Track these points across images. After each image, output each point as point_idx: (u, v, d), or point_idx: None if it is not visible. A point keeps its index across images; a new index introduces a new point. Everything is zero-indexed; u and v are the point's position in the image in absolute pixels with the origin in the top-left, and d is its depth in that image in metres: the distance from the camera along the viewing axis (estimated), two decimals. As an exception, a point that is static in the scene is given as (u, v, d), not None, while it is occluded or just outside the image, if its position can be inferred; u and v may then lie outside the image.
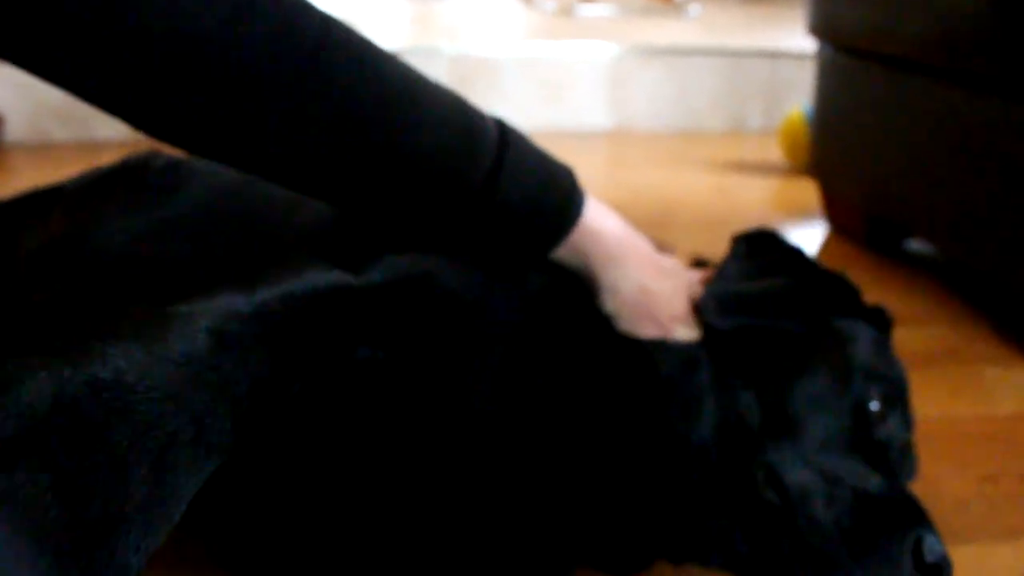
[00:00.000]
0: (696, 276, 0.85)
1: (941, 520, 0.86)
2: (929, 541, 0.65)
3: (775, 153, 2.39)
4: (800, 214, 1.92)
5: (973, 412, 1.12)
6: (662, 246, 0.87)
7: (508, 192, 0.70)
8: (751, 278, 0.84)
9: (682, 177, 2.23)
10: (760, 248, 0.88)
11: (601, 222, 0.78)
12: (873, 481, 0.70)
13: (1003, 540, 0.86)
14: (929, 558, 0.64)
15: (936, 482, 0.94)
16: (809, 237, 1.78)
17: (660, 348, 0.77)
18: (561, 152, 0.77)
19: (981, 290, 1.49)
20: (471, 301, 0.70)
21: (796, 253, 0.87)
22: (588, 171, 2.10)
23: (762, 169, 2.34)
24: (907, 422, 0.78)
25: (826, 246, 1.73)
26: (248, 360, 0.54)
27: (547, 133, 2.53)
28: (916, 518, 0.67)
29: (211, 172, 0.91)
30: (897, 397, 0.78)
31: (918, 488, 0.76)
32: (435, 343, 0.67)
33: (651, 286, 0.78)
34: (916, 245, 1.70)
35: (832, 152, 1.73)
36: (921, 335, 1.33)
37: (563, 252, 0.77)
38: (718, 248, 0.94)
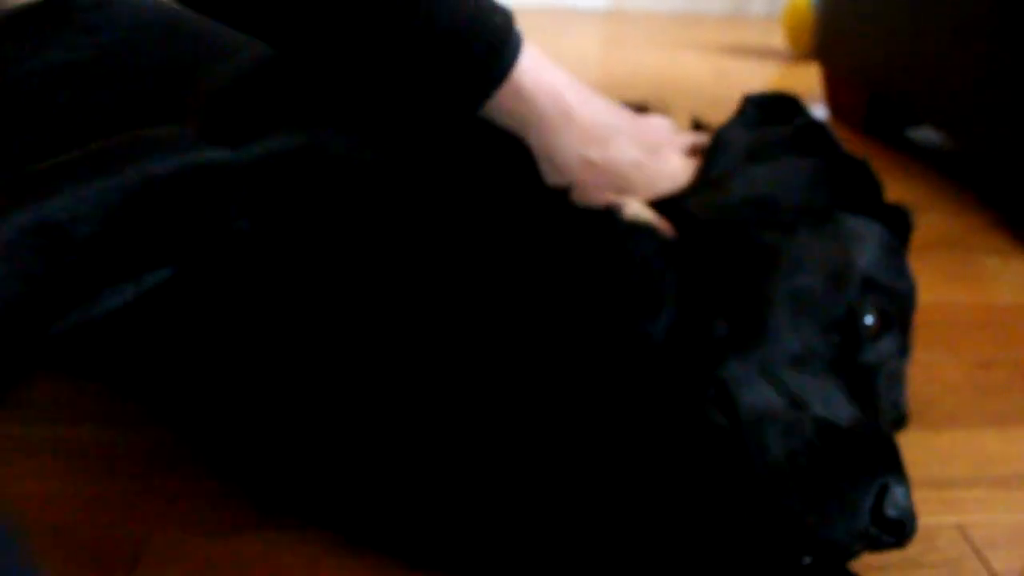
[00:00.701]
0: (685, 141, 0.74)
1: (934, 406, 0.84)
2: (896, 491, 0.54)
3: (778, 39, 2.31)
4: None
5: (970, 300, 1.09)
6: (650, 108, 0.78)
7: (436, 15, 0.61)
8: (755, 156, 0.71)
9: (680, 60, 2.14)
10: (773, 115, 0.75)
11: (541, 76, 0.66)
12: (845, 412, 0.59)
13: (991, 425, 0.84)
14: (891, 512, 0.54)
15: (929, 368, 0.91)
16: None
17: (629, 234, 0.65)
18: (557, 30, 0.70)
19: (983, 180, 1.44)
20: (370, 168, 0.63)
21: (815, 128, 0.73)
22: (583, 50, 2.03)
23: (763, 54, 2.26)
24: (904, 348, 0.67)
25: (826, 132, 1.67)
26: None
27: (543, 11, 2.44)
28: (887, 462, 0.56)
29: (136, 12, 0.85)
30: (898, 315, 0.66)
31: (911, 374, 0.70)
32: (323, 212, 0.61)
33: (595, 159, 0.68)
34: (918, 134, 1.64)
35: (836, 30, 1.66)
36: (922, 222, 1.27)
37: (494, 111, 0.66)
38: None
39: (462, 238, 0.63)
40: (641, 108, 0.77)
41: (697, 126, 0.78)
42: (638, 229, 0.66)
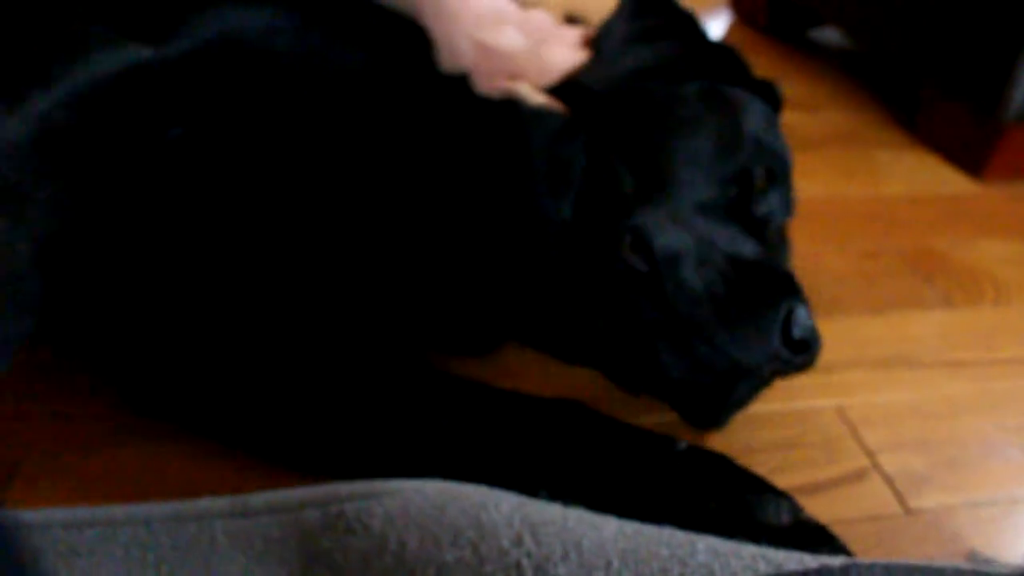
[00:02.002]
0: (571, 34, 0.76)
1: (819, 294, 0.85)
2: (799, 313, 0.60)
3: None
4: (704, 1, 1.83)
5: (861, 193, 1.11)
6: (530, 2, 0.78)
7: None
8: (637, 40, 0.75)
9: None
10: (649, 8, 0.78)
11: None
12: (748, 247, 0.64)
13: (876, 312, 0.86)
14: (797, 332, 0.59)
15: (817, 258, 0.93)
16: (713, 25, 1.70)
17: (533, 118, 0.68)
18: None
19: (881, 78, 1.45)
20: (298, 60, 0.60)
21: (687, 18, 0.78)
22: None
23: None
24: (787, 203, 0.72)
25: (729, 34, 1.66)
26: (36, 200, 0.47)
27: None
28: (789, 288, 0.61)
29: None
30: (781, 174, 0.72)
31: (799, 264, 0.73)
32: (255, 111, 0.59)
33: (489, 42, 0.68)
34: (820, 34, 1.64)
35: (739, -69, 1.64)
36: (818, 119, 1.30)
37: None
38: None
39: (370, 128, 0.63)
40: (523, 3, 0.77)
41: (571, 20, 0.80)
42: (539, 115, 0.68)
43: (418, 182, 0.64)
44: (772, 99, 0.77)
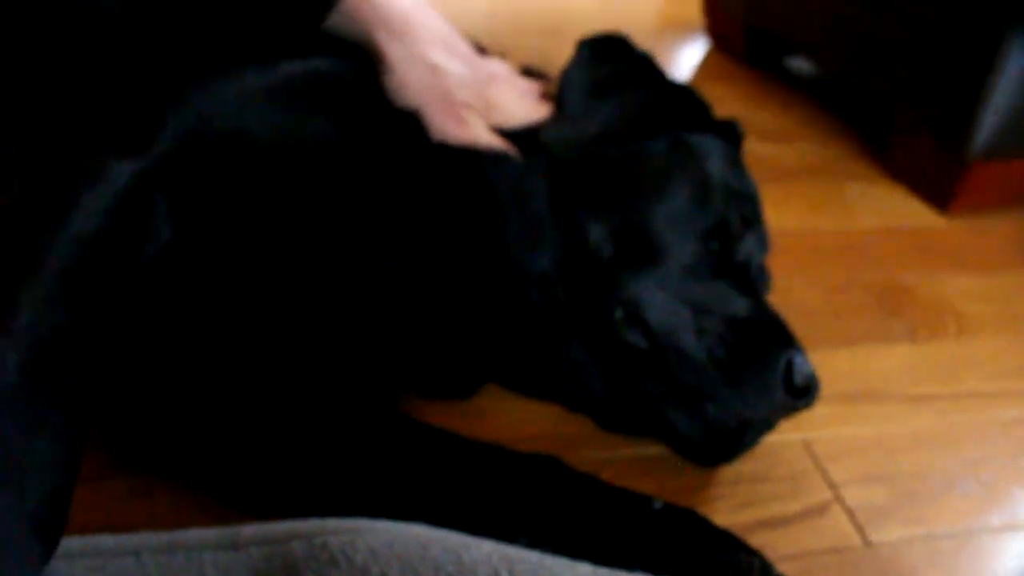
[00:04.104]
0: (523, 83, 0.77)
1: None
2: (798, 362, 0.63)
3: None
4: (683, 29, 1.87)
5: (832, 226, 1.14)
6: (487, 51, 0.79)
7: None
8: (597, 89, 0.76)
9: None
10: (606, 55, 0.79)
11: None
12: (740, 304, 0.66)
13: (842, 346, 0.89)
14: (799, 380, 0.62)
15: (787, 293, 0.95)
16: (690, 52, 1.74)
17: (492, 163, 0.69)
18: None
19: (854, 108, 1.49)
20: (269, 136, 0.62)
21: (644, 61, 0.80)
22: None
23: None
24: (762, 241, 0.75)
25: (706, 62, 1.70)
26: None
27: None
28: (785, 340, 0.65)
29: None
30: (754, 216, 0.75)
31: (771, 298, 0.75)
32: (234, 193, 0.61)
33: (441, 64, 0.70)
34: (796, 63, 1.68)
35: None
36: (791, 151, 1.34)
37: (341, 20, 0.68)
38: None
39: (347, 191, 0.65)
40: (480, 50, 0.79)
41: (527, 72, 0.81)
42: (499, 159, 0.69)
43: (396, 237, 0.65)
44: (733, 137, 0.79)
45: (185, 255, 0.59)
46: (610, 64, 0.78)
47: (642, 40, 0.82)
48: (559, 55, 0.79)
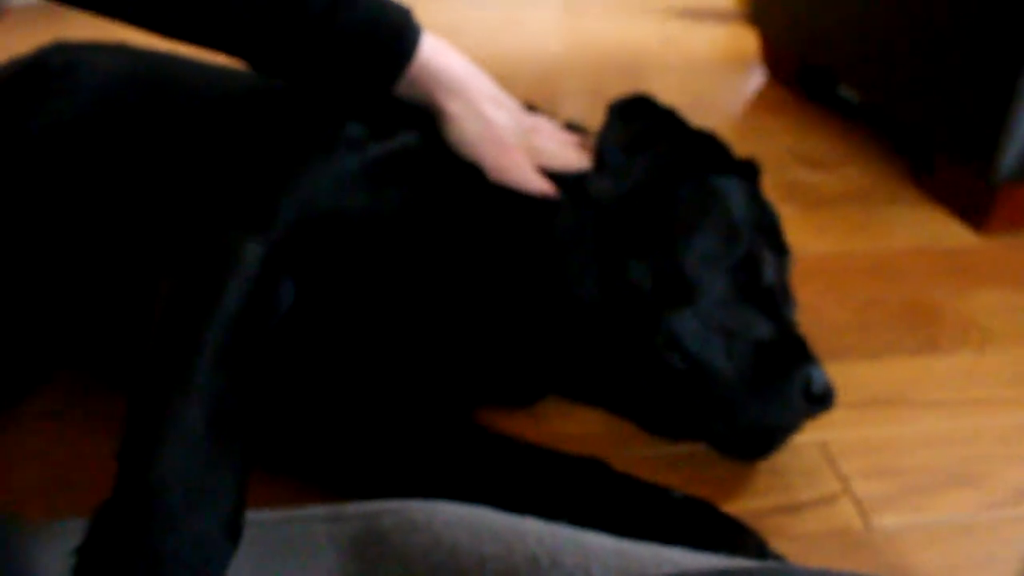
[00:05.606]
0: (564, 135, 0.90)
1: (816, 342, 0.99)
2: (815, 375, 0.75)
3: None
4: (742, 63, 1.98)
5: (868, 247, 1.23)
6: (535, 108, 0.93)
7: (346, 20, 0.78)
8: (631, 145, 0.88)
9: (631, 25, 2.26)
10: (635, 114, 0.91)
11: (441, 57, 0.84)
12: (764, 327, 0.78)
13: (865, 357, 0.99)
14: (817, 390, 0.74)
15: (819, 310, 1.06)
16: (748, 84, 1.84)
17: (551, 209, 0.82)
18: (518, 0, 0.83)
19: (899, 132, 1.57)
20: (363, 210, 0.77)
21: (669, 116, 0.91)
22: (544, 21, 2.14)
23: (713, 16, 2.37)
24: (783, 264, 0.86)
25: (762, 93, 1.80)
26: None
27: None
28: (803, 356, 0.76)
29: (107, 71, 0.94)
30: (775, 243, 0.86)
31: (802, 317, 0.87)
32: (338, 260, 0.76)
33: (492, 116, 0.85)
34: (847, 92, 1.77)
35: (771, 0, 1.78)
36: (835, 177, 1.43)
37: (406, 87, 0.83)
38: (664, 98, 0.96)
39: (431, 245, 0.79)
40: (529, 107, 0.93)
41: (570, 126, 0.94)
42: (561, 211, 0.82)
43: (472, 278, 0.79)
44: (751, 174, 0.91)
45: (304, 314, 0.74)
46: (640, 122, 0.90)
47: (705, 74, 0.91)
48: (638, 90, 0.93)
